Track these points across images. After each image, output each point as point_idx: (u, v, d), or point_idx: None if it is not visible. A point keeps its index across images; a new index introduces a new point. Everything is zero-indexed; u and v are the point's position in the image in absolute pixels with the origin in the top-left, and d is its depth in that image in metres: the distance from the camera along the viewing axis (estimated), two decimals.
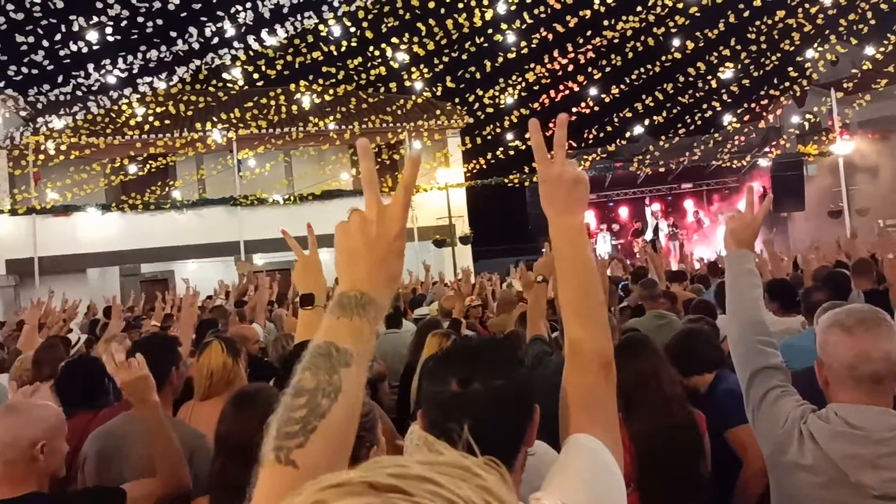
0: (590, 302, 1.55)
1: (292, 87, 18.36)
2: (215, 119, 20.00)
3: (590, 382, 1.50)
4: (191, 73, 14.16)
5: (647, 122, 19.41)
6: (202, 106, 19.69)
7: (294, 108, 19.07)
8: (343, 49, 15.08)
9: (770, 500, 2.21)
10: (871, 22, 15.96)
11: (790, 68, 18.72)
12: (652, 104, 18.39)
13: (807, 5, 15.47)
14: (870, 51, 17.95)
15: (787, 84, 19.35)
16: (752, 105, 20.77)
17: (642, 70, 17.38)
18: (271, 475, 0.95)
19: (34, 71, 12.47)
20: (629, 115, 18.99)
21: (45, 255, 19.60)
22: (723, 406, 3.29)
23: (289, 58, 15.09)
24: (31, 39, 11.55)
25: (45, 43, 11.75)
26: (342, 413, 0.99)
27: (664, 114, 18.97)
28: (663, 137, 21.23)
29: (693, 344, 3.78)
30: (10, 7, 10.32)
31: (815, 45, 18.10)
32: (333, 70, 16.24)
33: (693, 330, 4.19)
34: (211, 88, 17.12)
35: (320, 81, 17.20)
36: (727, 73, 17.70)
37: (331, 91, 18.32)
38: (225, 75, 15.33)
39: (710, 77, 17.70)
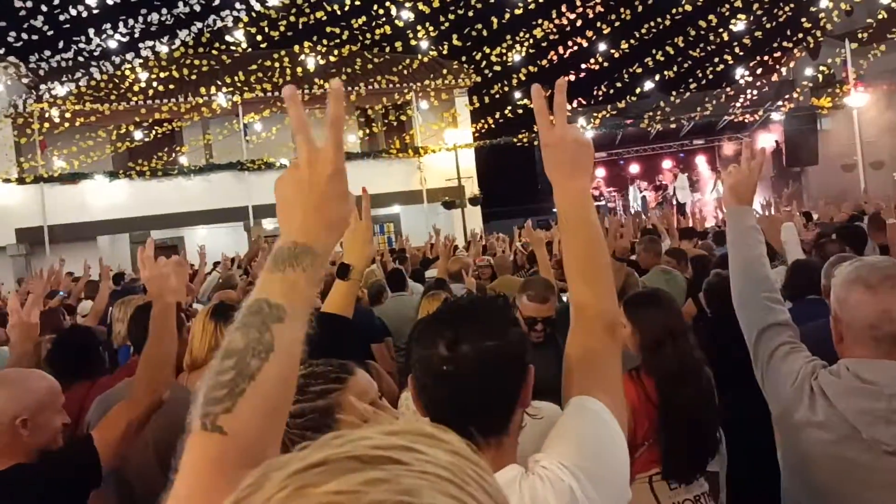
0: (595, 264, 1.54)
1: (296, 48, 18.13)
2: (220, 83, 19.84)
3: (594, 344, 1.48)
4: (193, 37, 13.97)
5: (657, 77, 19.09)
6: (206, 70, 19.43)
7: (299, 70, 18.83)
8: (347, 8, 14.84)
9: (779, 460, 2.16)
10: None
11: (803, 19, 18.24)
12: (662, 59, 18.10)
13: None
14: None
15: (800, 35, 18.88)
16: (765, 58, 20.30)
17: (652, 24, 17.07)
18: (198, 443, 0.90)
19: (34, 37, 12.34)
20: (639, 70, 18.68)
21: (55, 223, 19.71)
22: None
23: (292, 18, 14.86)
24: (29, 4, 11.38)
25: (44, 7, 11.59)
26: (275, 373, 0.93)
27: (675, 69, 18.66)
28: (674, 93, 20.88)
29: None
30: None
31: None
32: (338, 30, 16.01)
33: None
34: (214, 52, 16.91)
35: (325, 42, 16.92)
36: (739, 25, 17.34)
37: (335, 52, 18.06)
38: (228, 38, 15.14)
39: (721, 30, 17.36)
